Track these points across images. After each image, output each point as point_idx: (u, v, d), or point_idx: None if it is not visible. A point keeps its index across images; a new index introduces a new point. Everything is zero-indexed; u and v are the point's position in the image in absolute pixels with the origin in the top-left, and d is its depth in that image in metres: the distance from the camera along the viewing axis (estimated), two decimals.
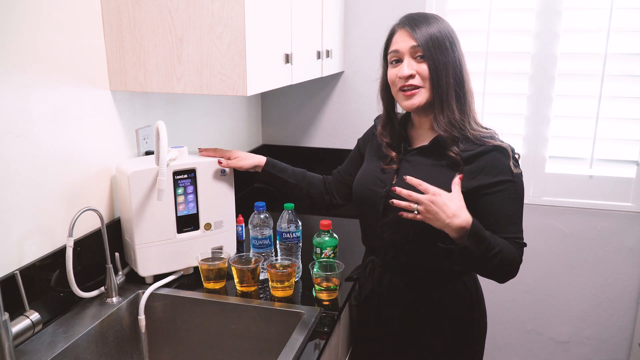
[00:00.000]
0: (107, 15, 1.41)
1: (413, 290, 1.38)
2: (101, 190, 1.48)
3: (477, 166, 1.28)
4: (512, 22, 2.15)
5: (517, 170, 1.29)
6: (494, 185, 1.28)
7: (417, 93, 1.30)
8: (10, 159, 1.18)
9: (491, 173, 1.28)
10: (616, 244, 2.25)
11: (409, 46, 1.30)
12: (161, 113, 1.72)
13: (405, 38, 1.31)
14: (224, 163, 1.51)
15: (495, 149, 1.29)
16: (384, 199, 1.36)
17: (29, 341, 1.19)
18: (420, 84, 1.30)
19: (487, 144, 1.29)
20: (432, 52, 1.28)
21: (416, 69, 1.29)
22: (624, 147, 2.16)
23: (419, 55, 1.29)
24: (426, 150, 1.35)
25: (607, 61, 2.07)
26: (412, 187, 1.25)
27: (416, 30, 1.29)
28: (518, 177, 1.30)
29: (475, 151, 1.28)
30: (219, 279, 1.48)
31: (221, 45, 1.36)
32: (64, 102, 1.32)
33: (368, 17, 2.27)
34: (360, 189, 1.45)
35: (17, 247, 1.22)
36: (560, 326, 2.40)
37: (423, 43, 1.28)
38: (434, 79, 1.28)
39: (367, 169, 1.47)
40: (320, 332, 1.31)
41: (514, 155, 1.30)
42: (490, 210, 1.29)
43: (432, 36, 1.28)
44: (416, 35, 1.28)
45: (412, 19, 1.32)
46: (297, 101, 2.47)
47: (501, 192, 1.28)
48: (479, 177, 1.28)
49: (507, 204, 1.28)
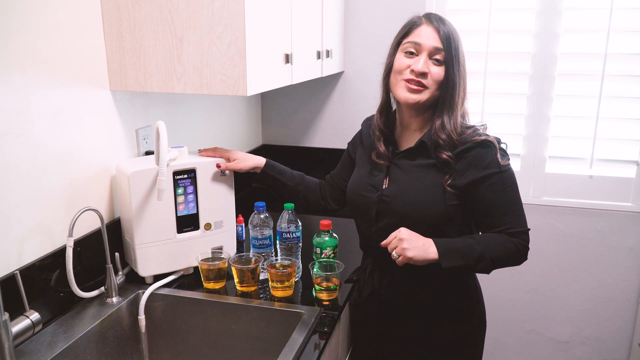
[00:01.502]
0: (107, 15, 1.41)
1: (412, 291, 1.38)
2: (101, 190, 1.48)
3: (465, 163, 1.29)
4: (512, 22, 2.14)
5: (504, 162, 1.29)
6: (483, 180, 1.28)
7: (421, 91, 1.30)
8: (10, 159, 1.18)
9: (479, 167, 1.28)
10: (616, 244, 2.25)
11: (433, 45, 1.28)
12: (161, 113, 1.72)
13: (431, 35, 1.29)
14: (223, 166, 1.51)
15: (480, 144, 1.29)
16: (376, 204, 1.36)
17: (29, 341, 1.19)
18: (428, 85, 1.29)
19: (473, 140, 1.29)
20: (452, 59, 1.28)
21: (430, 70, 1.29)
22: (624, 147, 2.16)
23: (437, 58, 1.29)
24: (413, 152, 1.35)
25: (607, 61, 2.07)
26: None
27: (443, 30, 1.28)
28: (506, 167, 1.30)
29: (460, 148, 1.29)
30: (219, 279, 1.48)
31: (221, 45, 1.36)
32: (64, 102, 1.32)
33: (368, 17, 2.27)
34: (352, 195, 1.46)
35: (17, 247, 1.22)
36: (560, 326, 2.40)
37: (446, 47, 1.27)
38: (448, 87, 1.29)
39: (358, 174, 1.48)
40: (320, 332, 1.31)
41: (499, 146, 1.30)
42: (483, 205, 1.30)
43: (455, 42, 1.29)
44: (442, 36, 1.28)
45: (439, 17, 1.31)
46: (297, 101, 2.47)
47: (491, 185, 1.28)
48: (468, 173, 1.28)
49: (498, 196, 1.29)
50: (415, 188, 1.32)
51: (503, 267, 1.35)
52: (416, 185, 1.32)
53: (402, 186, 1.34)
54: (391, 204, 1.34)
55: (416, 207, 1.31)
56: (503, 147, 1.32)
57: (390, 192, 1.35)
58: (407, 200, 1.32)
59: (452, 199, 1.29)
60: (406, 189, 1.33)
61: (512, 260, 1.32)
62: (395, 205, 1.33)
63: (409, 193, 1.32)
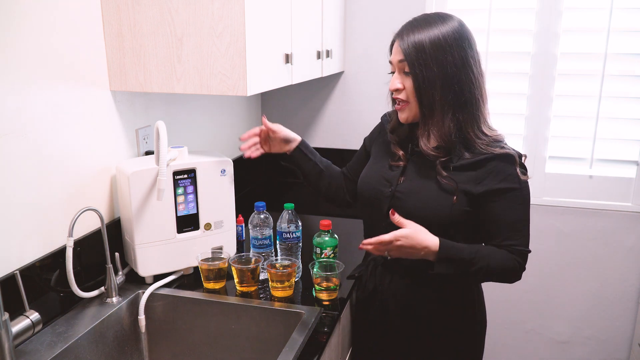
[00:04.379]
0: (107, 15, 1.41)
1: (414, 290, 1.38)
2: (101, 190, 1.48)
3: (483, 172, 1.27)
4: (512, 22, 2.15)
5: (524, 178, 1.29)
6: (500, 192, 1.27)
7: (404, 108, 1.30)
8: (10, 159, 1.18)
9: (496, 179, 1.27)
10: (616, 244, 2.25)
11: (397, 60, 1.28)
12: (161, 113, 1.72)
13: (396, 50, 1.29)
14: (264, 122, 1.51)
15: (501, 157, 1.27)
16: (389, 198, 1.35)
17: (29, 341, 1.19)
18: (405, 98, 1.29)
19: (494, 152, 1.27)
20: (415, 66, 1.24)
21: (404, 84, 1.28)
22: (624, 147, 2.16)
23: (405, 71, 1.27)
24: None
25: (607, 61, 2.07)
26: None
27: (406, 41, 1.25)
28: (524, 184, 1.29)
29: (480, 157, 1.27)
30: (219, 279, 1.48)
31: (221, 45, 1.36)
32: (64, 102, 1.32)
33: (368, 17, 2.27)
34: (365, 187, 1.43)
35: (17, 247, 1.22)
36: (560, 326, 2.40)
37: (407, 57, 1.25)
38: (419, 94, 1.26)
39: (373, 167, 1.45)
40: (320, 332, 1.31)
41: (521, 161, 1.30)
42: (493, 216, 1.29)
43: (419, 47, 1.23)
44: (403, 48, 1.25)
45: (409, 26, 1.28)
46: (297, 101, 2.47)
47: (506, 199, 1.27)
48: (485, 182, 1.27)
49: (510, 211, 1.28)
50: (429, 188, 1.31)
51: (494, 281, 1.36)
52: (430, 186, 1.31)
53: (417, 185, 1.33)
54: (404, 201, 1.33)
55: (427, 208, 1.30)
56: (523, 163, 1.31)
57: (404, 189, 1.34)
58: (419, 199, 1.31)
59: (464, 204, 1.28)
60: (420, 188, 1.32)
61: (507, 277, 1.33)
62: (407, 203, 1.32)
63: (423, 193, 1.31)
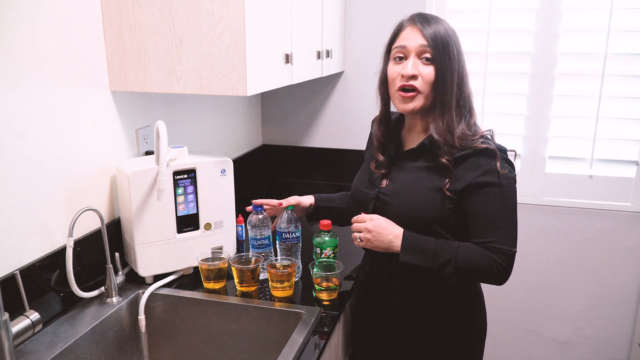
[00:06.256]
0: (107, 15, 1.41)
1: (412, 291, 1.38)
2: (101, 190, 1.48)
3: (462, 168, 1.27)
4: (512, 22, 2.14)
5: (503, 171, 1.24)
6: (477, 187, 1.25)
7: (414, 97, 1.28)
8: (10, 159, 1.18)
9: (475, 174, 1.25)
10: (616, 244, 2.25)
11: (418, 45, 1.26)
12: (161, 113, 1.72)
13: (415, 35, 1.26)
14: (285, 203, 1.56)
15: (480, 152, 1.25)
16: (373, 201, 1.37)
17: (29, 341, 1.19)
18: (420, 87, 1.26)
19: (475, 148, 1.26)
20: (441, 56, 1.24)
21: (420, 71, 1.26)
22: (624, 147, 2.16)
23: (426, 57, 1.25)
24: (414, 153, 1.35)
25: (607, 61, 2.07)
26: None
27: (427, 29, 1.25)
28: (506, 180, 1.25)
29: (459, 154, 1.26)
30: (219, 279, 1.48)
31: (221, 45, 1.36)
32: (64, 102, 1.32)
33: (368, 17, 2.27)
34: (354, 191, 1.48)
35: (17, 247, 1.22)
36: (560, 326, 2.40)
37: (433, 44, 1.24)
38: (439, 85, 1.25)
39: (362, 171, 1.49)
40: (320, 332, 1.31)
41: (503, 156, 1.26)
42: (471, 212, 1.27)
43: (443, 39, 1.25)
44: (427, 34, 1.25)
45: (424, 17, 1.29)
46: (297, 101, 2.47)
47: (484, 194, 1.25)
48: (465, 177, 1.26)
49: (488, 207, 1.25)
50: (413, 188, 1.31)
51: (476, 281, 1.35)
52: (414, 186, 1.32)
53: (400, 186, 1.34)
54: (387, 202, 1.34)
55: (411, 208, 1.31)
56: (509, 158, 1.28)
57: (387, 191, 1.35)
58: (403, 200, 1.32)
59: (448, 202, 1.28)
60: (404, 189, 1.33)
61: (485, 277, 1.28)
62: (390, 204, 1.34)
63: (406, 193, 1.32)
